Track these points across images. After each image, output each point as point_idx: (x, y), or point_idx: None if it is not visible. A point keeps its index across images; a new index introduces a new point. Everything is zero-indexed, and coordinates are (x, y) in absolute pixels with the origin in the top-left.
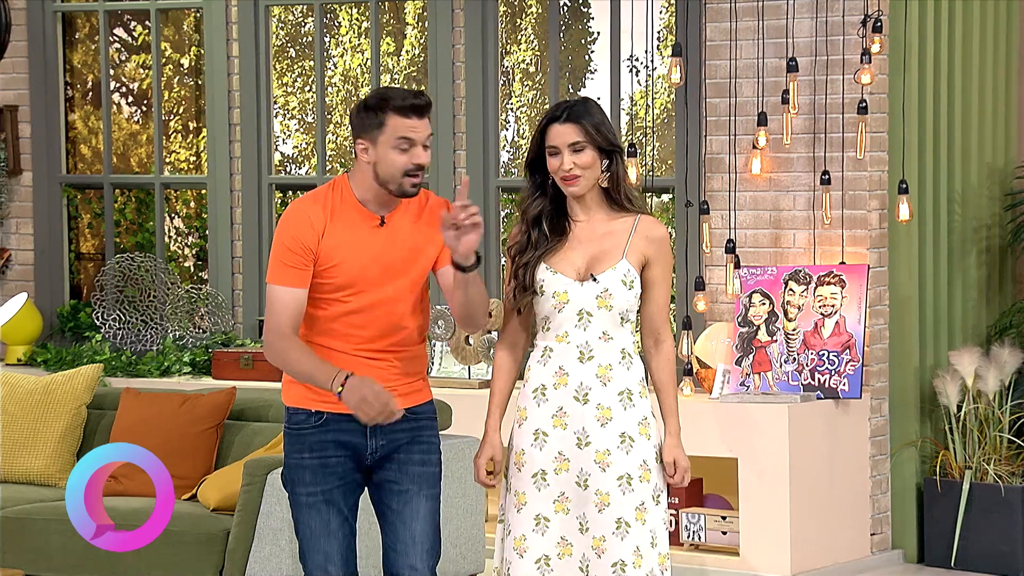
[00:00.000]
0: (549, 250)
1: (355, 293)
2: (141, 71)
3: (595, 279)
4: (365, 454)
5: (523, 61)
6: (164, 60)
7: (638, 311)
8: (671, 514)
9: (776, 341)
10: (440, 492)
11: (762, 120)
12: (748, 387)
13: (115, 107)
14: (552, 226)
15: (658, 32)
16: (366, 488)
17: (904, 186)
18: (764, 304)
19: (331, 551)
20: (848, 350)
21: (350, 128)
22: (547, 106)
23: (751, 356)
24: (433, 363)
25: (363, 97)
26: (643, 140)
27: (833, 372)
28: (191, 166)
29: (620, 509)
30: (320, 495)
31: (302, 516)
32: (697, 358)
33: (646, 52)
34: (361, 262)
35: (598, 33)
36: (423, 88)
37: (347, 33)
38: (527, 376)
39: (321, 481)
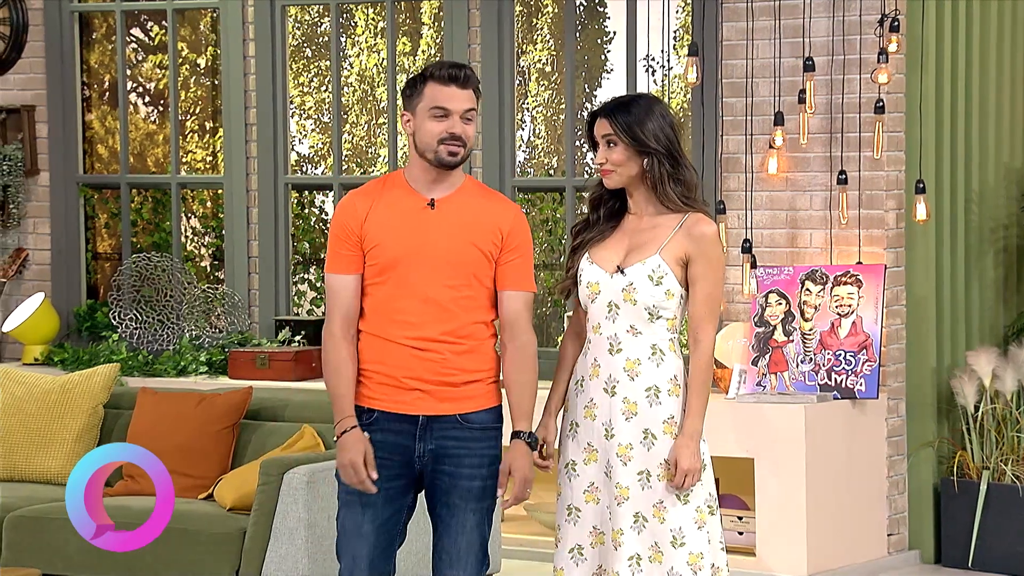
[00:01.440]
0: (596, 240)
1: (400, 275)
2: (158, 71)
3: (622, 272)
4: (414, 457)
5: (539, 61)
6: (181, 60)
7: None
8: None
9: (793, 341)
10: (492, 503)
11: (779, 120)
12: (764, 387)
13: (132, 107)
14: (610, 213)
15: (674, 32)
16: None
17: (921, 186)
18: (781, 304)
19: (360, 554)
20: (865, 350)
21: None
22: (563, 106)
23: (767, 356)
24: None
25: None
26: None
27: (850, 372)
28: (207, 166)
29: (638, 504)
30: (357, 496)
31: (340, 513)
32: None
33: (662, 52)
34: (405, 242)
35: (614, 33)
36: None
37: (363, 33)
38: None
39: None
